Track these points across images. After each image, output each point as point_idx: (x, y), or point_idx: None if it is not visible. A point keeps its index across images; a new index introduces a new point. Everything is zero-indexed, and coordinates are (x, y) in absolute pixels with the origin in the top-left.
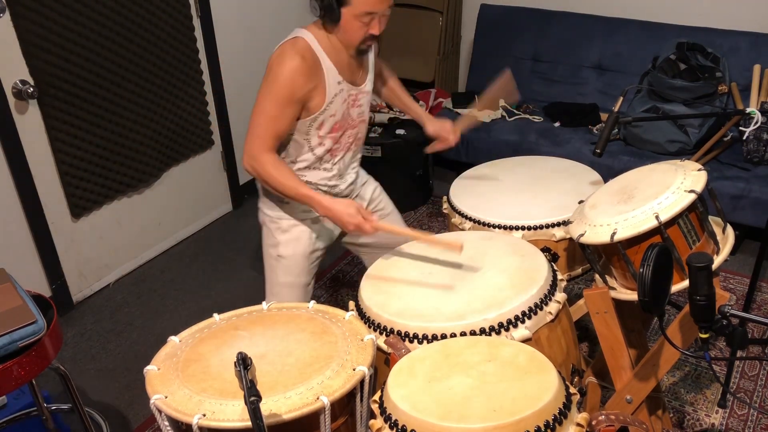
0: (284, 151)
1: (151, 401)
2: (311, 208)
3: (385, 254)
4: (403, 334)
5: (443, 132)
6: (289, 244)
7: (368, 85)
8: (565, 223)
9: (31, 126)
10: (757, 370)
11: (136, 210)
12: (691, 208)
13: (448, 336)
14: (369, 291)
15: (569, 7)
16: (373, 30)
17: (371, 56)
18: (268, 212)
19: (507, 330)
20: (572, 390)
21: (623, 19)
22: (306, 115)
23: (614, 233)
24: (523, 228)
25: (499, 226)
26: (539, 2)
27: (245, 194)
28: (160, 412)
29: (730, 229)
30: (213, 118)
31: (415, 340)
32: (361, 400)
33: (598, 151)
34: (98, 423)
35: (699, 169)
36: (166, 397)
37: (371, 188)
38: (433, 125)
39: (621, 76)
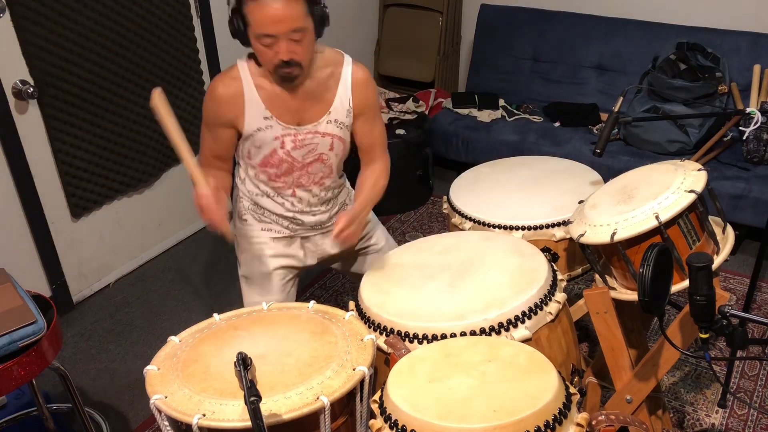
0: (241, 175)
1: (151, 401)
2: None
3: (385, 254)
4: (403, 334)
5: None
6: (248, 263)
7: (323, 126)
8: (565, 223)
9: (31, 126)
10: (757, 370)
11: (136, 210)
12: (691, 208)
13: (448, 336)
14: (369, 291)
15: (569, 7)
16: (281, 55)
17: (340, 99)
18: (234, 231)
19: (507, 330)
20: (572, 390)
21: (623, 19)
22: (237, 140)
23: (614, 233)
24: (523, 228)
25: (499, 226)
26: (539, 2)
27: None
28: (160, 412)
29: (730, 229)
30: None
31: (415, 340)
32: (361, 400)
33: (598, 151)
34: (98, 423)
35: (699, 169)
36: (166, 397)
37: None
38: (341, 217)
39: (621, 76)
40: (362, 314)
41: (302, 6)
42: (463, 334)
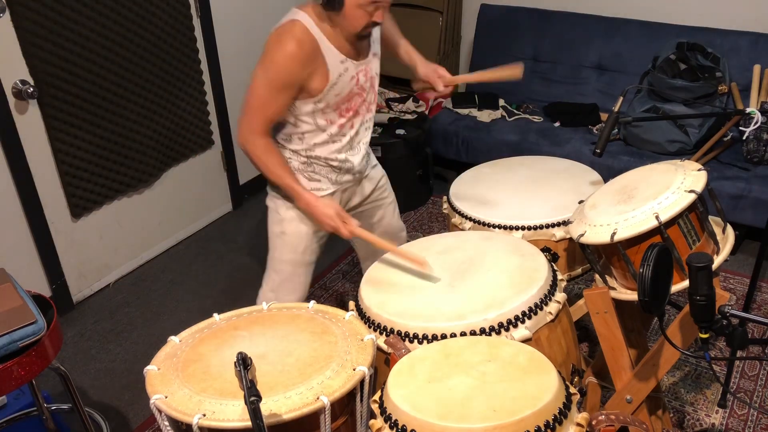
0: (293, 126)
1: (151, 401)
2: (295, 200)
3: (385, 254)
4: (403, 334)
5: (433, 78)
6: (293, 220)
7: (374, 47)
8: (565, 223)
9: (31, 126)
10: (757, 370)
11: (136, 210)
12: (691, 208)
13: (448, 336)
14: (369, 291)
15: (569, 7)
16: (377, 18)
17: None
18: (275, 191)
19: (507, 330)
20: (572, 390)
21: (623, 19)
22: (306, 97)
23: (614, 233)
24: (523, 228)
25: (499, 226)
26: (539, 2)
27: (245, 194)
28: (160, 412)
29: (730, 229)
30: (213, 118)
31: (415, 340)
32: (361, 400)
33: (598, 151)
34: (98, 423)
35: (699, 169)
36: (166, 397)
37: (380, 173)
38: (424, 68)
39: (621, 76)
40: (362, 314)
41: None
42: (463, 334)
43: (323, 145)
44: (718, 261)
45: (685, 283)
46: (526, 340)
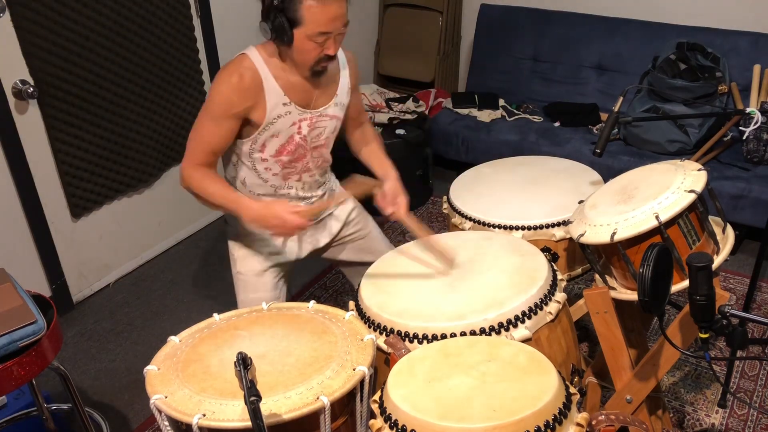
0: (234, 169)
1: (151, 401)
2: (239, 215)
3: (385, 254)
4: (403, 334)
5: (392, 200)
6: (244, 259)
7: (332, 109)
8: (565, 223)
9: (31, 126)
10: (757, 370)
11: (136, 210)
12: (691, 208)
13: (448, 336)
14: (369, 291)
15: (569, 7)
16: (328, 50)
17: (343, 81)
18: (229, 228)
19: (507, 330)
20: (572, 390)
21: (623, 19)
22: (246, 135)
23: (614, 233)
24: (523, 228)
25: (499, 226)
26: (539, 2)
27: None
28: (160, 412)
29: (730, 229)
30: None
31: (415, 340)
32: (361, 400)
33: (598, 151)
34: (98, 423)
35: (699, 169)
36: (166, 397)
37: (346, 211)
38: (391, 186)
39: (621, 76)
40: (362, 314)
41: (346, 1)
42: (463, 334)
43: (266, 196)
44: (718, 261)
45: (685, 283)
46: (526, 340)
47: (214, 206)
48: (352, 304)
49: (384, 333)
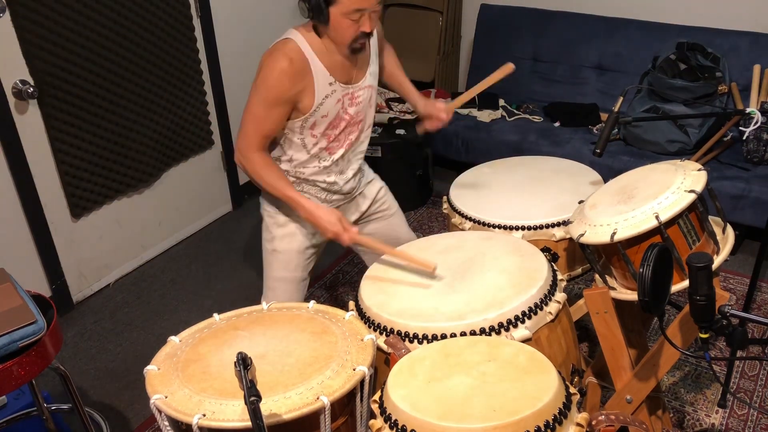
0: (280, 148)
1: (151, 401)
2: (295, 210)
3: (385, 255)
4: (403, 334)
5: (434, 110)
6: (284, 238)
7: (368, 80)
8: (565, 223)
9: (31, 126)
10: (757, 370)
11: (136, 210)
12: (691, 208)
13: (448, 336)
14: (369, 291)
15: (569, 7)
16: (364, 27)
17: (373, 46)
18: (267, 207)
19: (507, 330)
20: (572, 390)
21: (623, 19)
22: (297, 116)
23: (614, 233)
24: (523, 228)
25: (499, 226)
26: (539, 2)
27: (245, 194)
28: (160, 412)
29: (730, 229)
30: (213, 118)
31: (415, 340)
32: (361, 400)
33: (598, 151)
34: (98, 423)
35: (699, 169)
36: (166, 397)
37: (376, 187)
38: (424, 104)
39: (621, 76)
40: (362, 314)
41: None
42: (463, 334)
43: (310, 167)
44: (718, 261)
45: (685, 283)
46: (526, 340)
47: (266, 191)
48: (352, 304)
49: (384, 333)
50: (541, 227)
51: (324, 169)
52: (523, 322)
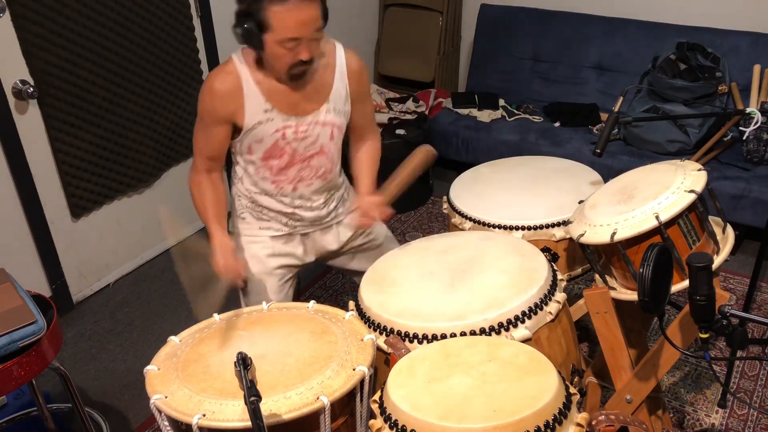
0: (239, 173)
1: (151, 401)
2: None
3: (385, 254)
4: (403, 334)
5: (367, 209)
6: (248, 261)
7: (323, 115)
8: (565, 223)
9: (31, 126)
10: (757, 370)
11: (136, 210)
12: (691, 208)
13: (448, 336)
14: (369, 291)
15: (569, 7)
16: (302, 55)
17: (337, 86)
18: (233, 232)
19: (507, 330)
20: (572, 390)
21: (623, 19)
22: (235, 136)
23: (614, 233)
24: (523, 228)
25: (499, 226)
26: (539, 2)
27: None
28: (160, 412)
29: (730, 229)
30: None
31: (415, 340)
32: (361, 400)
33: (598, 151)
34: (98, 423)
35: (699, 169)
36: (166, 397)
37: None
38: (359, 199)
39: (621, 76)
40: (362, 314)
41: (320, 5)
42: (463, 334)
43: (264, 197)
44: (718, 261)
45: (685, 283)
46: (526, 340)
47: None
48: (352, 304)
49: (384, 333)
50: (541, 227)
51: (280, 202)
52: (523, 322)
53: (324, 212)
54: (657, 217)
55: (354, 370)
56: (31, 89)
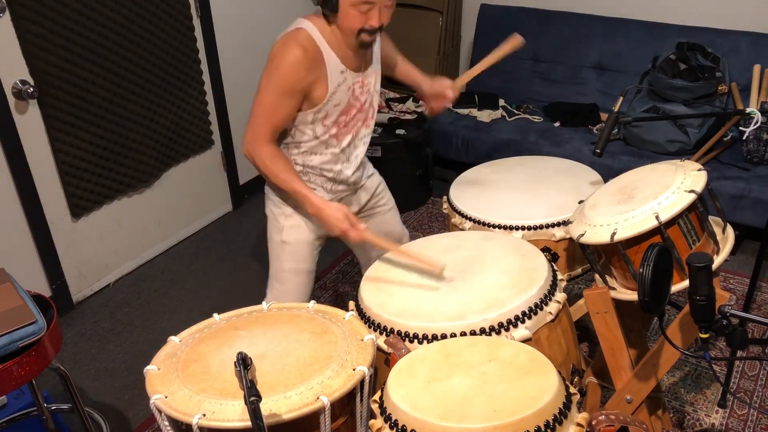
0: (289, 136)
1: (151, 401)
2: (302, 205)
3: (385, 254)
4: (403, 334)
5: (440, 88)
6: (292, 229)
7: (374, 65)
8: (565, 223)
9: (31, 126)
10: (757, 370)
11: (136, 210)
12: (691, 208)
13: (448, 336)
14: (369, 291)
15: (569, 7)
16: (372, 21)
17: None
18: (274, 198)
19: (507, 330)
20: (572, 390)
21: (623, 19)
22: (309, 107)
23: (614, 233)
24: (523, 228)
25: (499, 226)
26: (539, 2)
27: (245, 194)
28: (160, 412)
29: (730, 229)
30: (213, 118)
31: (415, 340)
32: (361, 400)
33: (598, 151)
34: (98, 423)
35: (699, 169)
36: (166, 397)
37: (376, 182)
38: (430, 83)
39: (621, 76)
40: (362, 314)
41: None
42: (463, 334)
43: (319, 156)
44: (718, 261)
45: (685, 283)
46: (526, 340)
47: (274, 184)
48: (352, 304)
49: (384, 333)
50: (541, 227)
51: (332, 157)
52: (523, 322)
53: (360, 173)
54: (657, 217)
55: (354, 370)
56: (31, 89)
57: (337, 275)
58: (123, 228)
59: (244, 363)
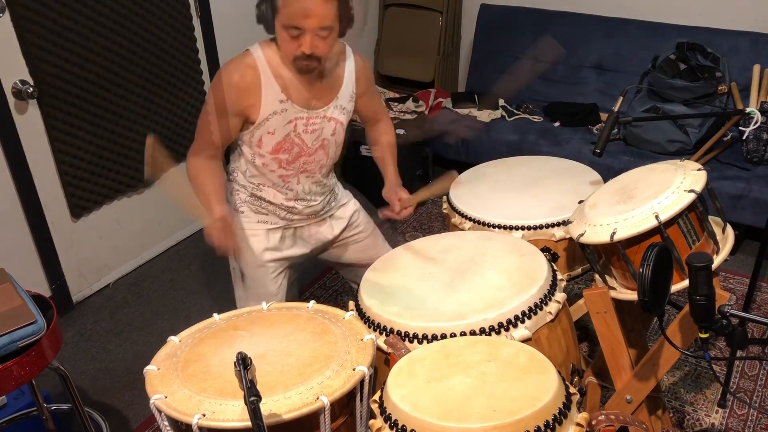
0: (238, 161)
1: (151, 401)
2: (205, 217)
3: (385, 254)
4: (403, 334)
5: (392, 197)
6: (241, 254)
7: (331, 111)
8: (565, 223)
9: (31, 126)
10: (757, 370)
11: (136, 210)
12: (690, 207)
13: (448, 336)
14: (369, 291)
15: (569, 7)
16: (303, 48)
17: (346, 85)
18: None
19: (507, 330)
20: (572, 390)
21: (623, 19)
22: (246, 128)
23: (614, 233)
24: (523, 228)
25: (499, 226)
26: (539, 2)
27: None
28: (160, 412)
29: (729, 229)
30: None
31: (415, 340)
32: (361, 400)
33: (598, 151)
34: (98, 423)
35: (699, 169)
36: (165, 397)
37: (350, 210)
38: (388, 187)
39: (621, 76)
40: (362, 314)
41: (335, 6)
42: (463, 334)
43: (265, 189)
44: (717, 261)
45: (685, 283)
46: (526, 340)
47: (197, 196)
48: (352, 304)
49: (384, 333)
50: (541, 227)
51: (280, 195)
52: (523, 322)
53: (320, 206)
54: (657, 217)
55: (354, 370)
56: (31, 89)
57: (337, 275)
58: (123, 228)
59: (244, 363)
